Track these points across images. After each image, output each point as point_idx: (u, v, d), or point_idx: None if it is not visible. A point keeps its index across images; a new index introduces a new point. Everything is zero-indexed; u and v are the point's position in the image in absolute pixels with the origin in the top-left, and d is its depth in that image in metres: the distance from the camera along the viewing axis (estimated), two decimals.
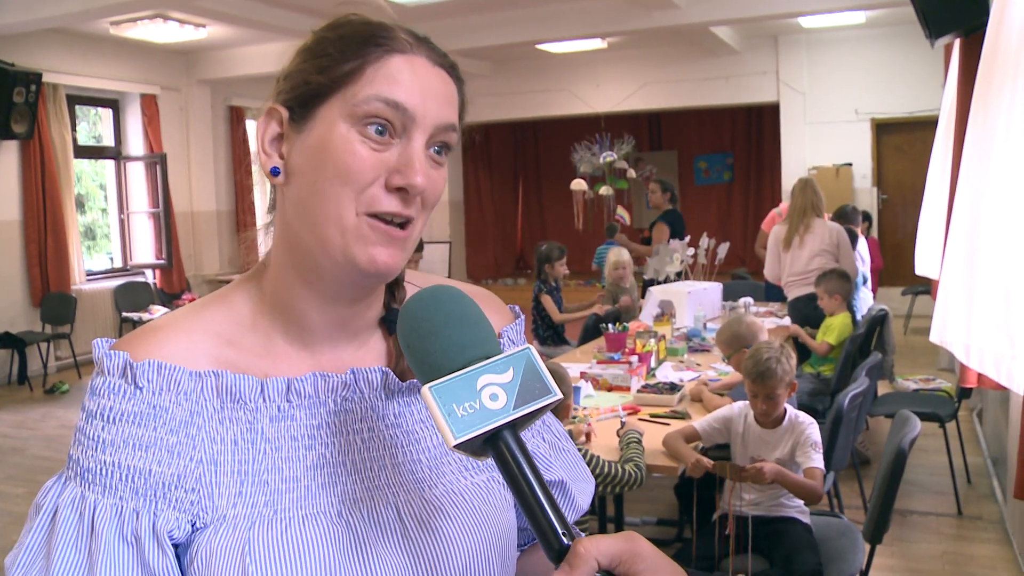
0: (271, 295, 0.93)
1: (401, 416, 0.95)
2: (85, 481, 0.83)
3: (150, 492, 0.82)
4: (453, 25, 8.86)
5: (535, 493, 0.73)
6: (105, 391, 0.84)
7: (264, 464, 0.87)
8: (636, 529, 4.20)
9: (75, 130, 9.47)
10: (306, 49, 0.90)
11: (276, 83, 0.92)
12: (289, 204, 0.90)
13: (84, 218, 10.13)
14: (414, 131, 0.86)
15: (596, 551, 0.69)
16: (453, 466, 0.96)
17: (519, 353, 0.77)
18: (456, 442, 0.72)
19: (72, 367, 8.80)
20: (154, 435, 0.83)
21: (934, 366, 7.67)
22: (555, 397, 0.77)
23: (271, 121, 0.90)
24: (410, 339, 0.79)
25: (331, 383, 0.91)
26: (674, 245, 6.27)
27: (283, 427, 0.89)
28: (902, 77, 10.38)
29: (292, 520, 0.86)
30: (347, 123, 0.85)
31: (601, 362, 4.42)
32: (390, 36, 0.87)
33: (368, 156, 0.84)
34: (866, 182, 10.88)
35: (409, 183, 0.84)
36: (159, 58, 10.04)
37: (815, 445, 2.94)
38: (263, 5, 7.97)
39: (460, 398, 0.73)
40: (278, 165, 0.89)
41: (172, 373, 0.85)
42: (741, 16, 8.66)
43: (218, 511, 0.84)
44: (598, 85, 12.36)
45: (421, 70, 0.87)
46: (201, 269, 10.80)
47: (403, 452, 0.94)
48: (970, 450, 5.11)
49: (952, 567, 3.87)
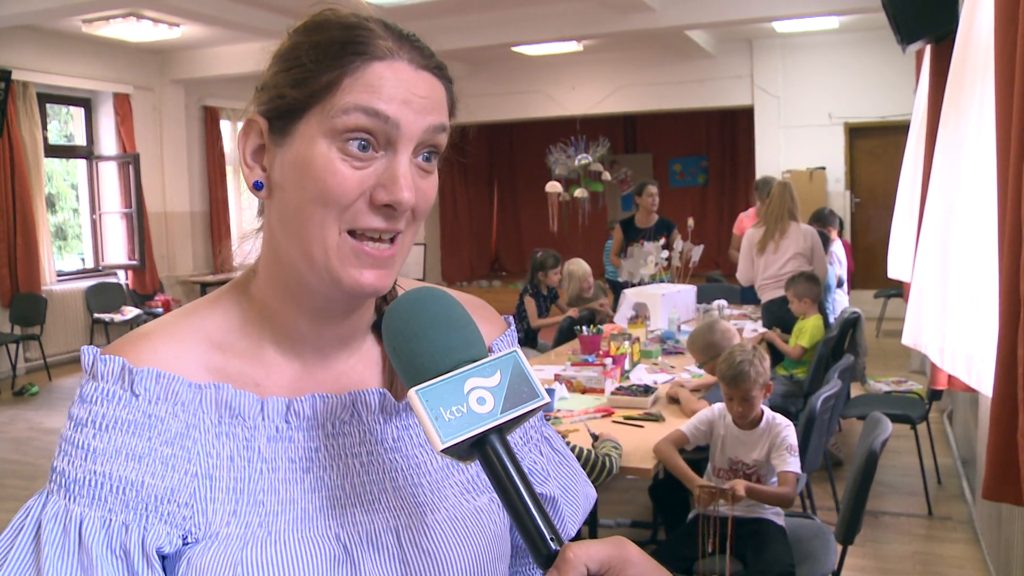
0: (260, 303, 0.91)
1: (400, 440, 0.93)
2: (70, 493, 0.79)
3: (141, 505, 0.79)
4: (428, 27, 8.73)
5: (522, 498, 0.72)
6: (99, 397, 0.81)
7: (260, 484, 0.85)
8: (610, 531, 4.21)
9: (46, 129, 9.35)
10: (280, 56, 0.86)
11: (255, 92, 0.88)
12: (274, 217, 0.87)
13: (55, 218, 10.02)
14: (399, 143, 0.81)
15: (586, 556, 0.68)
16: (454, 489, 0.94)
17: (506, 356, 0.77)
18: (443, 446, 0.71)
19: (42, 368, 8.69)
20: (149, 446, 0.81)
21: (905, 368, 7.75)
22: (542, 401, 0.76)
23: (251, 133, 0.86)
24: (395, 341, 0.78)
25: (330, 405, 0.89)
26: (648, 248, 6.28)
27: (280, 448, 0.87)
28: (874, 82, 10.48)
29: (288, 542, 0.83)
30: (327, 139, 0.81)
31: (575, 364, 4.42)
32: (368, 41, 0.82)
33: (350, 175, 0.80)
34: (839, 185, 10.98)
35: (395, 200, 0.81)
36: (132, 57, 9.94)
37: (791, 448, 2.96)
38: (238, 5, 7.92)
39: (447, 401, 0.72)
40: (260, 179, 0.86)
41: (170, 383, 0.83)
42: (716, 20, 8.70)
43: (211, 528, 0.82)
44: (573, 88, 12.38)
45: (404, 76, 0.82)
46: (174, 270, 10.71)
47: (403, 476, 0.92)
48: (940, 451, 5.16)
49: (922, 567, 3.90)
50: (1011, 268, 1.97)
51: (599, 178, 10.50)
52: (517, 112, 12.83)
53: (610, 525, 4.28)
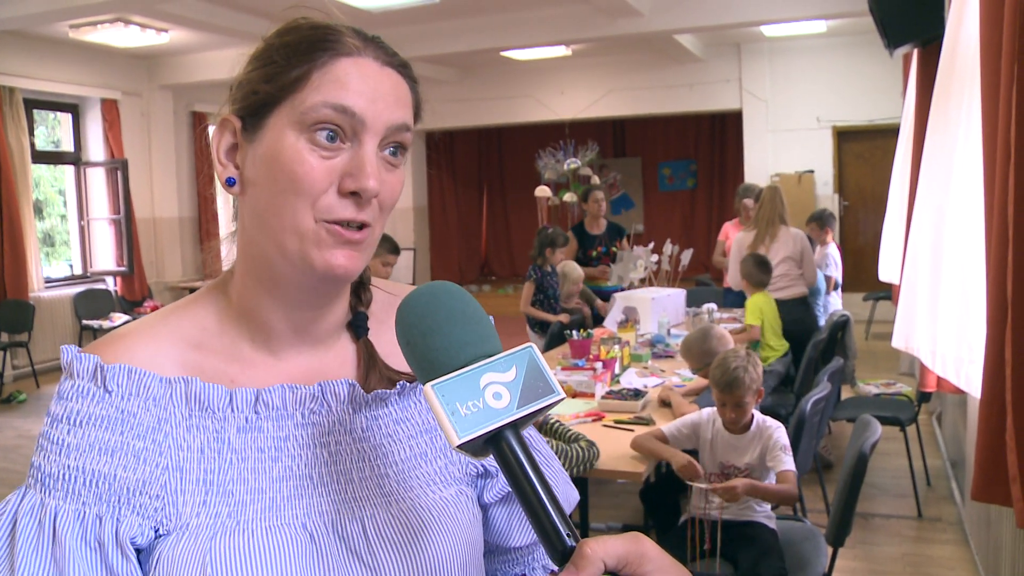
0: (236, 302, 0.94)
1: (368, 430, 0.94)
2: (46, 487, 0.82)
3: (114, 497, 0.82)
4: (418, 32, 8.84)
5: (538, 494, 0.71)
6: (74, 394, 0.84)
7: (230, 474, 0.87)
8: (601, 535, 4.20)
9: (33, 135, 9.31)
10: (255, 57, 0.90)
11: (229, 92, 0.92)
12: (247, 214, 0.90)
13: (42, 224, 9.97)
14: (364, 135, 0.85)
15: (603, 552, 0.68)
16: (420, 480, 0.95)
17: (521, 351, 0.76)
18: (460, 442, 0.70)
19: (30, 376, 8.65)
20: (121, 440, 0.83)
21: (895, 371, 7.77)
22: (558, 396, 0.75)
23: (225, 131, 0.90)
24: (410, 336, 0.77)
25: (299, 395, 0.91)
26: (638, 252, 6.29)
27: (250, 438, 0.89)
28: (862, 86, 10.53)
29: (255, 531, 0.85)
30: (295, 131, 0.84)
31: (566, 368, 4.42)
32: (336, 39, 0.86)
33: (318, 164, 0.84)
34: (828, 189, 11.01)
35: (361, 187, 0.84)
36: (120, 63, 9.92)
37: (784, 448, 2.97)
38: (226, 10, 7.91)
39: (463, 397, 0.72)
40: (233, 175, 0.89)
41: (142, 378, 0.86)
42: (704, 24, 8.72)
43: (181, 519, 0.84)
44: (563, 92, 12.39)
45: (369, 72, 0.86)
46: (163, 276, 10.68)
47: (370, 465, 0.93)
48: (930, 453, 5.18)
49: (912, 568, 3.91)
50: (998, 271, 1.98)
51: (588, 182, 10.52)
52: (506, 117, 12.85)
53: (601, 529, 4.28)
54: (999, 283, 1.97)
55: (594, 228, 7.01)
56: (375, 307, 1.02)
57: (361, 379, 0.96)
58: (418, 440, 0.97)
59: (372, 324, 1.00)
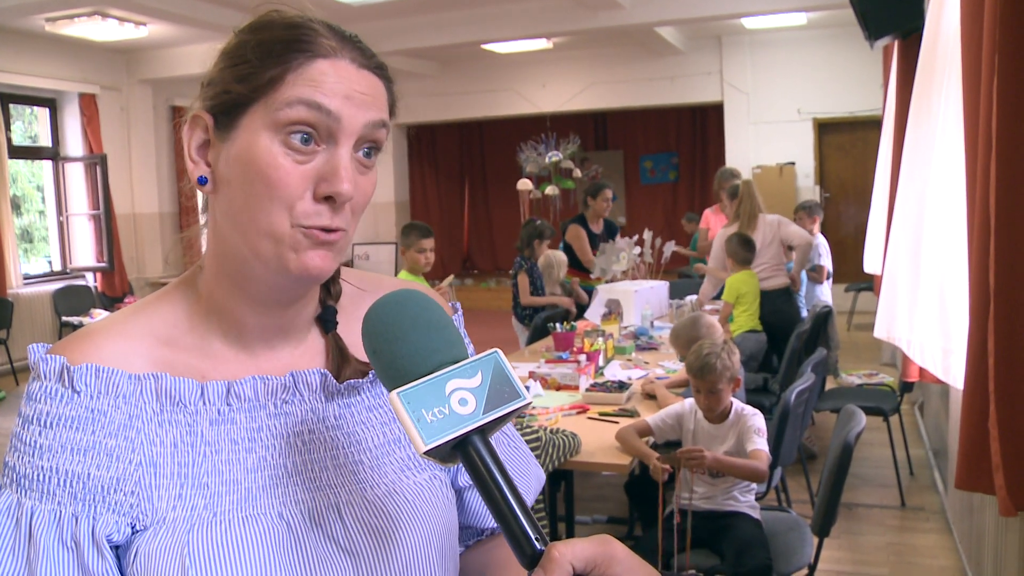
0: (207, 298, 0.93)
1: (341, 418, 0.95)
2: (21, 488, 0.82)
3: (88, 496, 0.82)
4: (398, 25, 8.81)
5: (506, 498, 0.72)
6: (42, 396, 0.84)
7: (204, 467, 0.87)
8: (587, 527, 4.21)
9: (9, 130, 9.19)
10: (226, 53, 0.88)
11: (200, 88, 0.90)
12: (220, 212, 0.89)
13: (20, 220, 9.87)
14: (340, 136, 0.84)
15: (571, 555, 0.68)
16: (394, 466, 0.96)
17: (487, 357, 0.77)
18: (426, 448, 0.71)
19: (9, 374, 8.58)
20: (92, 439, 0.83)
21: (877, 361, 7.83)
22: (524, 401, 0.76)
23: (196, 128, 0.89)
24: (376, 344, 0.78)
25: (271, 386, 0.91)
26: (620, 244, 6.29)
27: (223, 430, 0.89)
28: (843, 78, 10.57)
29: (232, 522, 0.86)
30: (270, 132, 0.83)
31: (549, 361, 4.42)
32: (312, 40, 0.84)
33: (293, 169, 0.83)
34: (809, 181, 11.07)
35: (335, 191, 0.83)
36: (98, 56, 9.81)
37: (759, 431, 2.99)
38: (206, 4, 7.85)
39: (429, 403, 0.72)
40: (205, 174, 0.89)
41: (110, 376, 0.85)
42: (685, 17, 8.74)
43: (158, 513, 0.84)
44: (544, 85, 12.39)
45: (345, 73, 0.84)
46: (144, 272, 10.60)
47: (344, 453, 0.94)
48: (912, 443, 5.22)
49: (896, 557, 3.94)
50: (980, 262, 1.99)
51: (570, 175, 10.53)
52: (487, 110, 12.83)
53: (586, 522, 4.28)
54: (981, 274, 1.98)
55: (595, 226, 7.00)
56: (343, 300, 1.02)
57: (333, 373, 0.97)
58: (391, 427, 0.98)
59: (340, 317, 1.00)
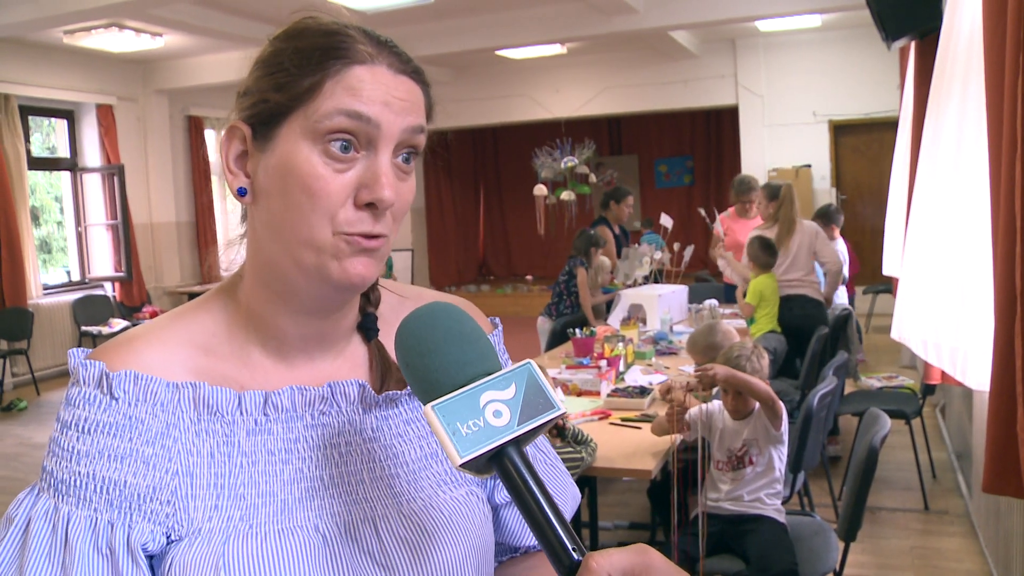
0: (246, 307, 0.92)
1: (379, 430, 0.94)
2: (59, 493, 0.82)
3: (125, 504, 0.82)
4: (412, 32, 8.84)
5: (542, 509, 0.72)
6: (80, 401, 0.84)
7: (240, 478, 0.87)
8: (609, 533, 4.20)
9: (28, 141, 9.28)
10: (262, 62, 0.87)
11: (236, 98, 0.90)
12: (259, 223, 0.89)
13: (39, 231, 9.95)
14: (379, 142, 0.83)
15: (608, 565, 0.68)
16: (431, 480, 0.95)
17: (520, 368, 0.77)
18: (462, 461, 0.71)
19: (30, 383, 8.63)
20: (130, 446, 0.83)
21: (896, 364, 7.78)
22: (558, 412, 0.76)
23: (234, 139, 0.88)
24: (409, 358, 0.78)
25: (308, 396, 0.90)
26: (643, 248, 6.28)
27: (260, 441, 0.88)
28: (858, 79, 10.53)
29: (268, 534, 0.85)
30: (309, 141, 0.83)
31: (570, 367, 4.42)
32: (349, 47, 0.84)
33: (333, 179, 0.83)
34: (825, 183, 11.02)
35: (377, 198, 0.83)
36: (115, 68, 9.89)
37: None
38: (221, 14, 7.90)
39: (464, 416, 0.72)
40: (244, 185, 0.88)
41: (149, 384, 0.85)
42: (699, 20, 8.72)
43: (193, 524, 0.84)
44: (558, 90, 12.39)
45: (383, 79, 0.84)
46: (162, 281, 10.66)
47: (381, 466, 0.93)
48: (934, 445, 5.18)
49: (921, 561, 3.91)
50: (1005, 262, 1.97)
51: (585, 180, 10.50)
52: (502, 116, 12.85)
53: (608, 527, 4.27)
54: (1007, 275, 1.97)
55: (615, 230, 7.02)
56: (384, 308, 1.01)
57: (376, 382, 0.96)
58: (428, 440, 0.97)
59: (381, 325, 0.99)
